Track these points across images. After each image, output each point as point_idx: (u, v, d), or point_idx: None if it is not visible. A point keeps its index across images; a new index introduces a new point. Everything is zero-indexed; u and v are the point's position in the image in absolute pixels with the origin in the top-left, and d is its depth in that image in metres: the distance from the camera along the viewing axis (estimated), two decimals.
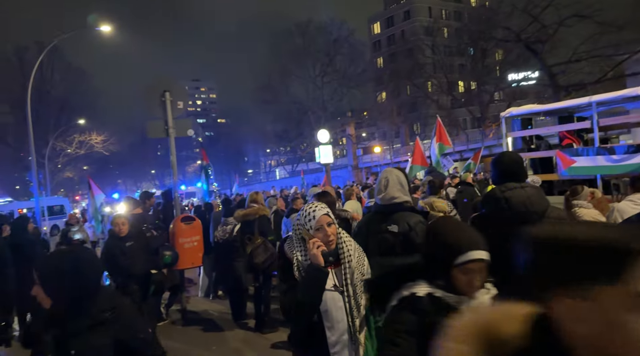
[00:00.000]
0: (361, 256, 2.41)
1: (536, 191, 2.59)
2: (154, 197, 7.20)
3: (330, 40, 43.95)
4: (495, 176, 2.74)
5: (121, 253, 4.88)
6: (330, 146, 26.63)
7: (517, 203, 2.51)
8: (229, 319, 6.56)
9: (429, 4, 63.99)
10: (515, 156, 2.79)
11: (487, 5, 36.76)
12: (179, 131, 6.89)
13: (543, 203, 2.54)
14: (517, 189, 2.56)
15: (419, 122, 52.45)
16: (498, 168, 2.74)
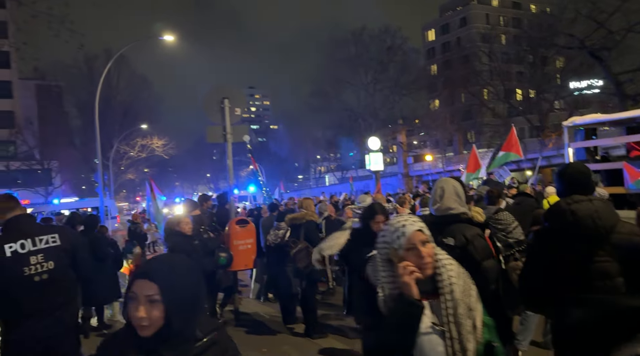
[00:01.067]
0: (467, 283, 1.96)
1: (605, 205, 2.46)
2: (211, 200, 7.47)
3: (383, 47, 43.81)
4: (561, 188, 2.63)
5: (193, 250, 5.09)
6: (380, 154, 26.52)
7: (585, 217, 2.39)
8: (279, 322, 6.66)
9: (487, 11, 62.44)
10: (582, 167, 2.67)
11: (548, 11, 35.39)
12: (236, 136, 7.12)
13: (612, 218, 2.41)
14: (584, 202, 2.44)
15: (473, 130, 51.09)
16: (564, 179, 2.63)
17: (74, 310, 3.25)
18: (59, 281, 3.07)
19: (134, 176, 49.32)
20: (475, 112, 49.03)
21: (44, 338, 2.95)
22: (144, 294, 1.39)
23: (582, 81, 35.17)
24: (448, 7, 68.22)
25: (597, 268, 2.36)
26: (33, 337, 2.93)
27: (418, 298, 1.75)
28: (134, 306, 1.40)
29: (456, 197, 3.00)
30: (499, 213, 4.87)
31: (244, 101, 7.63)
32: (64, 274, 3.12)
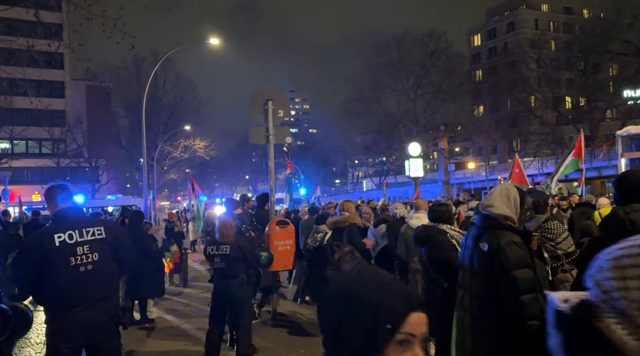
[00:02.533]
0: None
1: None
2: (252, 200, 7.54)
3: (426, 52, 43.21)
4: (619, 196, 2.51)
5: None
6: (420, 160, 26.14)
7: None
8: (316, 324, 6.61)
9: (536, 16, 60.55)
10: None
11: (602, 16, 33.95)
12: (278, 138, 7.17)
13: None
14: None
15: (519, 138, 49.48)
16: (622, 188, 2.51)
17: (116, 302, 3.33)
18: (102, 272, 3.14)
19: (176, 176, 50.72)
20: (521, 120, 47.47)
21: (87, 327, 3.04)
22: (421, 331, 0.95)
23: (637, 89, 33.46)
24: (495, 12, 66.59)
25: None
26: (76, 326, 3.01)
27: None
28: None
29: (505, 199, 2.89)
30: (549, 222, 4.67)
31: (287, 103, 7.68)
32: (108, 267, 3.20)
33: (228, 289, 4.92)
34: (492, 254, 2.69)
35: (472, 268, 2.85)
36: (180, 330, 6.88)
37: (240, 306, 4.98)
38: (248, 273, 5.05)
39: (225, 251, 4.87)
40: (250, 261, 5.06)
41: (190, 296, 9.33)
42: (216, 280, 5.16)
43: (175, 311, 8.03)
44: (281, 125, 7.76)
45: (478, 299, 2.79)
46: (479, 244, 2.78)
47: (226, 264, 4.90)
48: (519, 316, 2.59)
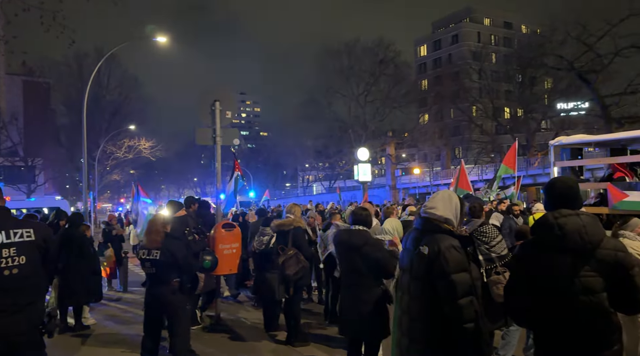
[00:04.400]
0: None
1: (592, 220, 2.46)
2: (197, 203, 7.39)
3: (376, 60, 44.13)
4: (549, 202, 2.62)
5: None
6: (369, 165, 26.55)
7: (572, 231, 2.40)
8: (261, 329, 6.59)
9: (478, 29, 63.54)
10: (571, 181, 2.67)
11: (538, 32, 36.06)
12: (226, 139, 7.09)
13: (599, 233, 2.42)
14: (572, 216, 2.44)
15: (461, 146, 51.61)
16: (551, 193, 2.62)
17: (41, 309, 3.12)
18: (28, 277, 2.96)
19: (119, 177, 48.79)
20: (463, 129, 49.58)
21: (8, 335, 2.85)
22: None
23: (569, 102, 35.80)
24: (440, 24, 69.25)
25: (582, 283, 2.37)
26: None
27: None
28: None
29: (447, 203, 2.99)
30: (484, 227, 4.89)
31: (235, 104, 7.62)
32: (34, 271, 3.02)
33: (160, 296, 4.76)
34: (432, 258, 2.76)
35: (411, 270, 2.92)
36: (118, 336, 6.62)
37: (173, 313, 4.82)
38: (182, 278, 4.88)
39: (156, 255, 4.69)
40: (183, 266, 4.86)
41: (130, 302, 9.00)
42: (148, 286, 4.98)
43: (114, 317, 7.73)
44: (231, 127, 7.68)
45: (416, 300, 2.86)
46: (420, 247, 2.85)
47: (157, 269, 4.72)
48: (457, 319, 2.68)
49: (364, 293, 4.17)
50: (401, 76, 44.89)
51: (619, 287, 2.36)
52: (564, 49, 26.26)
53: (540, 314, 2.53)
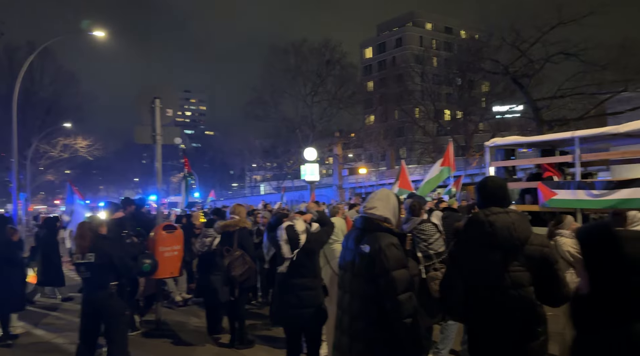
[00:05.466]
0: None
1: (520, 217, 2.61)
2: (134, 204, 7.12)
3: (322, 61, 44.43)
4: (480, 200, 2.75)
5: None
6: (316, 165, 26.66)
7: (502, 228, 2.53)
8: (204, 332, 6.46)
9: (421, 34, 65.58)
10: (500, 180, 2.81)
11: (477, 37, 37.71)
12: (166, 138, 6.88)
13: (527, 230, 2.57)
14: (501, 214, 2.58)
15: (405, 146, 53.06)
16: (482, 192, 2.75)
17: None
18: None
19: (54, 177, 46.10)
20: (407, 130, 51.03)
21: None
22: None
23: (505, 105, 37.71)
24: (385, 27, 70.81)
25: (511, 277, 2.50)
26: None
27: None
28: None
29: (385, 202, 3.05)
30: (423, 224, 5.04)
31: (177, 102, 7.41)
32: None
33: (96, 301, 4.57)
34: (372, 256, 2.80)
35: (352, 268, 2.95)
36: (50, 345, 6.26)
37: (110, 319, 4.63)
38: (120, 282, 4.71)
39: (91, 258, 4.50)
40: (120, 269, 4.70)
41: (65, 309, 8.54)
42: (84, 291, 4.77)
43: (47, 325, 7.30)
44: (174, 124, 7.47)
45: (357, 299, 2.89)
46: (360, 246, 2.89)
47: (92, 273, 4.53)
48: (397, 314, 2.73)
49: (305, 283, 4.22)
50: (347, 77, 45.47)
51: (545, 281, 2.51)
52: (500, 54, 27.59)
53: (474, 308, 2.64)
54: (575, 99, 25.38)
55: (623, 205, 6.73)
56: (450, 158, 11.23)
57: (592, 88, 24.40)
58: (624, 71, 22.40)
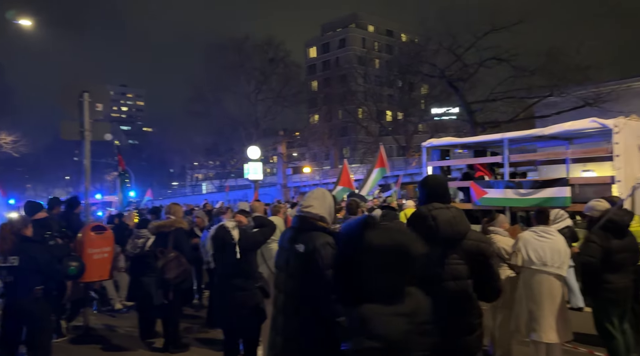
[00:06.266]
0: None
1: (460, 213, 2.73)
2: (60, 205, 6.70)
3: (266, 58, 44.10)
4: (422, 197, 2.84)
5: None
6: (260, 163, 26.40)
7: (444, 222, 2.63)
8: (136, 337, 6.19)
9: (363, 35, 66.74)
10: (441, 178, 2.93)
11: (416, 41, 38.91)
12: (96, 134, 6.52)
13: (466, 225, 2.70)
14: (442, 209, 2.68)
15: (348, 146, 53.84)
16: (425, 189, 2.85)
17: None
18: None
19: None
20: (350, 130, 51.80)
21: None
22: None
23: (442, 107, 39.22)
24: (329, 28, 71.43)
25: (450, 270, 2.59)
26: None
27: None
28: None
29: (321, 201, 3.05)
30: None
31: (108, 96, 7.04)
32: None
33: (20, 305, 4.29)
34: (308, 255, 2.79)
35: (287, 268, 2.92)
36: None
37: (34, 324, 4.37)
38: (47, 286, 4.44)
39: (14, 262, 4.22)
40: (46, 272, 4.44)
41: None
42: (6, 295, 4.45)
43: None
44: (110, 121, 7.09)
45: (292, 298, 2.87)
46: (295, 245, 2.87)
47: (15, 277, 4.26)
48: (331, 314, 2.70)
49: (239, 283, 4.15)
50: (291, 76, 45.43)
51: (480, 274, 2.63)
52: (437, 58, 28.59)
53: None
54: (506, 103, 26.79)
55: (547, 203, 7.17)
56: (383, 160, 11.54)
57: (522, 92, 25.86)
58: (550, 77, 23.91)
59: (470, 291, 2.62)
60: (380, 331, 1.99)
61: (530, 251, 4.51)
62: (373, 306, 2.03)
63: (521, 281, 4.66)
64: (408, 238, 2.18)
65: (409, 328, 2.02)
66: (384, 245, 2.09)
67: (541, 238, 4.53)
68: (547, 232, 4.56)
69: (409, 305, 2.08)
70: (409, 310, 2.06)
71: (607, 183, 7.42)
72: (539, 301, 4.45)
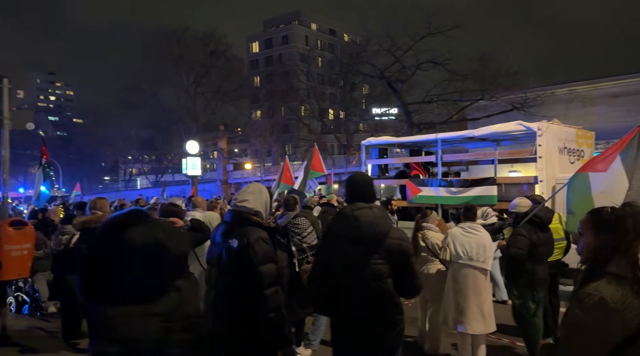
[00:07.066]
0: None
1: (382, 212, 2.78)
2: None
3: (206, 51, 42.99)
4: (347, 196, 2.87)
5: None
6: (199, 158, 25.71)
7: (365, 222, 2.66)
8: (60, 338, 5.84)
9: (307, 33, 66.96)
10: (366, 177, 2.97)
11: (358, 41, 39.54)
12: (17, 123, 6.10)
13: (387, 224, 2.74)
14: (365, 209, 2.71)
15: (291, 143, 53.84)
16: (348, 188, 2.88)
17: None
18: None
19: None
20: (293, 127, 51.83)
21: None
22: None
23: (382, 107, 40.20)
24: (272, 24, 70.99)
25: (372, 270, 2.63)
26: None
27: None
28: None
29: (257, 196, 3.01)
30: (297, 219, 5.13)
31: (30, 83, 6.57)
32: None
33: None
34: (241, 250, 2.75)
35: (220, 264, 2.86)
36: None
37: None
38: None
39: None
40: None
41: None
42: None
43: None
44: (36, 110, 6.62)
45: (223, 295, 2.82)
46: (229, 240, 2.82)
47: None
48: (262, 309, 2.70)
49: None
50: (233, 70, 44.62)
51: (401, 272, 2.70)
52: (377, 59, 29.19)
53: (337, 300, 2.73)
54: (441, 105, 27.87)
55: (476, 201, 7.55)
56: (319, 163, 11.69)
57: (455, 95, 27.02)
58: (481, 82, 25.17)
59: (392, 289, 2.67)
60: (124, 334, 1.85)
61: (457, 246, 4.73)
62: (123, 307, 1.87)
63: (449, 275, 4.87)
64: (171, 236, 2.04)
65: (162, 327, 1.90)
66: (143, 243, 1.94)
67: (468, 233, 4.76)
68: (473, 228, 4.81)
69: (166, 303, 1.94)
70: (164, 308, 1.93)
71: (530, 182, 7.93)
72: (465, 294, 4.68)
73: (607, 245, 1.77)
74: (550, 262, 5.23)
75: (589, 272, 1.79)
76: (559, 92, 23.10)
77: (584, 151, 8.62)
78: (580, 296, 1.72)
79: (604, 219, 1.82)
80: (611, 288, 1.66)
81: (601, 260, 1.76)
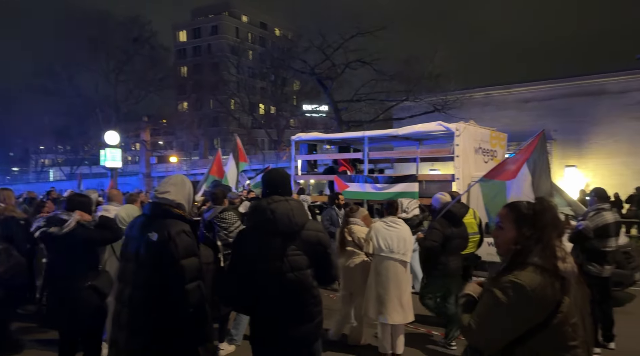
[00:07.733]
0: None
1: (299, 205, 2.80)
2: None
3: (129, 37, 40.72)
4: (264, 190, 2.88)
5: None
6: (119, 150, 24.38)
7: (282, 215, 2.68)
8: None
9: (237, 25, 65.81)
10: (282, 171, 2.99)
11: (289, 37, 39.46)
12: None
13: (304, 217, 2.78)
14: (282, 202, 2.74)
15: (219, 137, 52.60)
16: (266, 182, 2.89)
17: None
18: None
19: None
20: (222, 120, 50.67)
21: None
22: None
23: (312, 104, 40.49)
24: (200, 13, 68.91)
25: (290, 261, 2.66)
26: None
27: None
28: None
29: (180, 188, 2.92)
30: (224, 213, 5.06)
31: None
32: None
33: None
34: (161, 244, 2.68)
35: (137, 258, 2.76)
36: None
37: None
38: None
39: None
40: None
41: None
42: None
43: None
44: None
45: (140, 290, 2.73)
46: (148, 234, 2.73)
47: None
48: (183, 303, 2.65)
49: (71, 282, 3.77)
50: (158, 59, 42.72)
51: (319, 263, 2.75)
52: (308, 56, 29.28)
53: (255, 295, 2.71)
54: (368, 104, 28.55)
55: (399, 197, 7.87)
56: (242, 153, 11.67)
57: (382, 95, 27.80)
58: (407, 83, 26.10)
59: (310, 280, 2.71)
60: None
61: (380, 240, 4.92)
62: None
63: (372, 268, 5.05)
64: None
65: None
66: None
67: (390, 227, 4.96)
68: (395, 222, 5.02)
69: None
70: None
71: (448, 180, 8.40)
72: (386, 286, 4.87)
73: (529, 238, 1.88)
74: (464, 255, 5.59)
75: (510, 263, 1.89)
76: (476, 96, 24.52)
77: (497, 151, 9.27)
78: (501, 280, 1.83)
79: (524, 213, 1.94)
80: (531, 276, 1.79)
81: (523, 252, 1.87)
